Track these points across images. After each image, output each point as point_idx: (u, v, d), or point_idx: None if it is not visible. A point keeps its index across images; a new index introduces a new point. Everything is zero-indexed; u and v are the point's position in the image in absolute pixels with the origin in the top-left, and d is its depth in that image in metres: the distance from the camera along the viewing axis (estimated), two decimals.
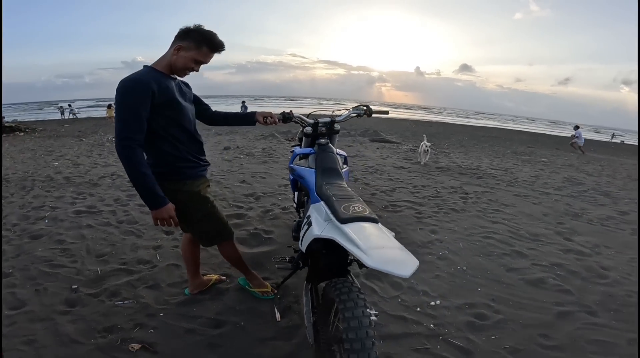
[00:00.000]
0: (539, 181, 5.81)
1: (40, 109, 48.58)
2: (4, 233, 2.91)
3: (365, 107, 2.24)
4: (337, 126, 2.14)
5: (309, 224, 1.38)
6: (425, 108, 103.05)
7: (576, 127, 13.43)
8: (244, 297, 2.05)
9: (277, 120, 1.94)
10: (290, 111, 2.07)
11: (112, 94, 1.49)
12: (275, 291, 2.08)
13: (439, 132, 12.23)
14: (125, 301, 1.97)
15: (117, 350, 1.60)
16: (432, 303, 2.07)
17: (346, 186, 1.56)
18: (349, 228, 1.16)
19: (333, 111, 2.35)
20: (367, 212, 1.25)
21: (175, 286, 2.14)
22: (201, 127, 1.74)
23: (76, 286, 2.12)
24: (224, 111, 2.03)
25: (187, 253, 1.97)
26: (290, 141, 8.96)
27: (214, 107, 1.96)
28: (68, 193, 4.09)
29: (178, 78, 1.64)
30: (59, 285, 2.13)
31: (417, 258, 1.06)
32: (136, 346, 1.62)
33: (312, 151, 1.92)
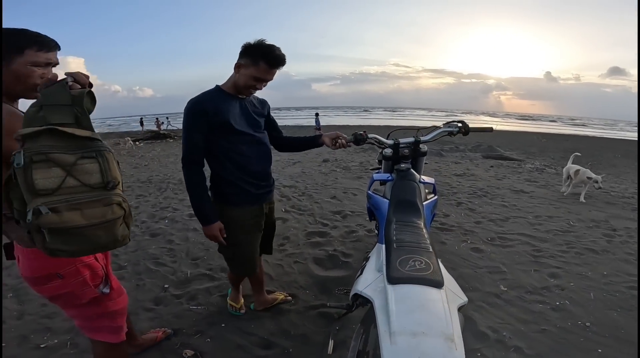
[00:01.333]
0: None
1: None
2: (132, 228, 3.53)
3: (460, 124, 1.87)
4: (423, 147, 1.85)
5: (363, 268, 1.20)
6: (558, 118, 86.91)
7: None
8: (302, 322, 1.96)
9: (346, 142, 1.73)
10: (364, 131, 1.84)
11: None
12: (243, 310, 2.02)
13: (578, 147, 9.98)
14: (199, 307, 2.09)
15: (173, 353, 1.70)
16: None
17: (422, 226, 1.31)
18: (395, 292, 0.94)
19: (418, 129, 2.06)
20: (430, 271, 1.00)
21: (246, 299, 2.18)
22: None
23: (167, 286, 2.37)
24: (294, 136, 1.93)
25: None
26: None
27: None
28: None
29: (251, 96, 1.63)
30: (155, 283, 2.41)
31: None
32: (189, 353, 1.69)
33: (390, 178, 1.70)
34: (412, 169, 1.69)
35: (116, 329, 1.29)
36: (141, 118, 26.10)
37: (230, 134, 1.51)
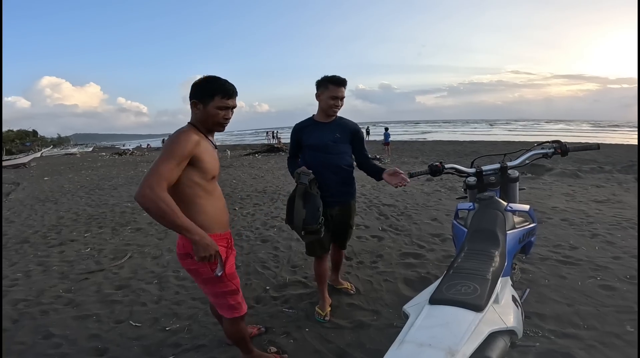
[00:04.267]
0: None
1: None
2: (247, 233, 4.11)
3: (556, 144, 1.73)
4: (513, 173, 1.74)
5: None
6: None
7: None
8: (379, 338, 2.01)
9: (406, 181, 1.84)
10: (440, 162, 1.85)
11: None
12: (327, 318, 2.18)
13: None
14: (290, 310, 2.34)
15: (260, 347, 1.93)
16: None
17: (495, 254, 1.27)
18: (428, 310, 0.99)
19: (505, 154, 1.90)
20: (474, 296, 1.01)
21: (334, 309, 2.32)
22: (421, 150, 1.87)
23: (268, 288, 2.70)
24: (368, 162, 2.20)
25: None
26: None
27: (426, 132, 2.15)
28: None
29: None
30: (259, 284, 2.78)
31: None
32: (273, 349, 1.92)
33: (472, 207, 1.65)
34: (496, 197, 1.59)
35: (232, 306, 1.55)
36: (267, 132, 30.11)
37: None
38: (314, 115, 2.14)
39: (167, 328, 2.22)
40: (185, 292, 2.71)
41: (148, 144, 43.28)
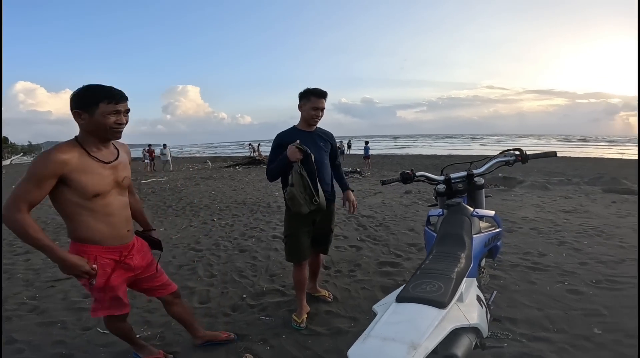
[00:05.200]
0: None
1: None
2: (225, 243, 4.04)
3: (517, 152, 1.84)
4: (479, 180, 1.84)
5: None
6: None
7: None
8: None
9: (354, 209, 2.35)
10: (411, 170, 1.96)
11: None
12: (304, 325, 2.17)
13: None
14: (268, 318, 2.31)
15: (236, 355, 1.91)
16: None
17: (461, 256, 1.33)
18: (395, 308, 1.03)
19: (472, 162, 2.01)
20: (438, 294, 1.05)
21: (312, 316, 2.31)
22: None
23: (245, 296, 2.66)
24: (339, 172, 2.44)
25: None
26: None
27: (406, 146, 2.24)
28: (275, 219, 5.21)
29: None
30: (236, 292, 2.74)
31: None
32: (249, 356, 1.89)
33: (441, 213, 1.72)
34: (463, 203, 1.67)
35: (110, 305, 1.59)
36: (249, 144, 29.72)
37: None
38: (295, 125, 2.27)
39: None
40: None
41: None
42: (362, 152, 17.96)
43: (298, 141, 2.01)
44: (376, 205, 6.14)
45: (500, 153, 1.95)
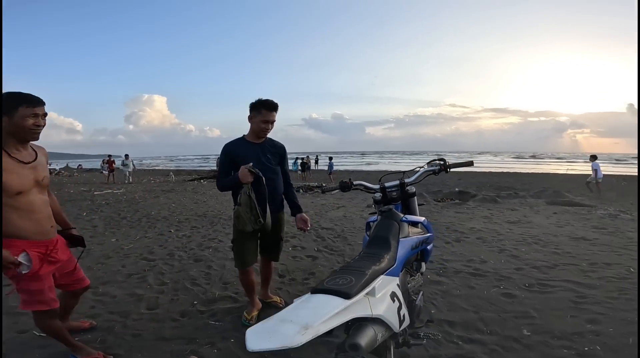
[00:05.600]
0: None
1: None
2: (181, 253, 3.96)
3: (441, 162, 2.02)
4: (411, 189, 1.99)
5: None
6: None
7: None
8: (304, 347, 2.01)
9: (307, 227, 2.32)
10: (349, 179, 2.11)
11: (296, 149, 2.07)
12: (253, 322, 2.23)
13: None
14: (217, 323, 2.30)
15: (181, 357, 1.90)
16: None
17: (384, 256, 1.42)
18: (306, 298, 1.11)
19: (404, 172, 2.18)
20: (346, 286, 1.13)
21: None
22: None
23: (196, 302, 2.63)
24: (291, 192, 2.44)
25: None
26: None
27: (372, 163, 2.31)
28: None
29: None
30: (186, 299, 2.69)
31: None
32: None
33: (376, 219, 1.84)
34: (394, 210, 1.79)
35: (39, 301, 1.68)
36: (217, 158, 29.03)
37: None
38: (244, 135, 2.26)
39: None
40: (102, 306, 2.55)
41: (79, 165, 39.49)
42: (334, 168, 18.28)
43: (251, 164, 2.03)
44: (337, 218, 6.26)
45: (428, 163, 2.13)
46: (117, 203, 8.56)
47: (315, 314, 1.00)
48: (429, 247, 1.91)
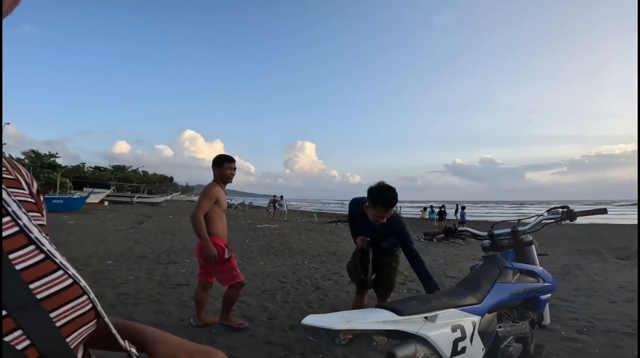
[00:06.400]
0: None
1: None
2: (307, 280, 4.60)
3: (564, 210, 1.81)
4: (526, 237, 1.85)
5: None
6: None
7: None
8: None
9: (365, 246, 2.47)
10: (454, 225, 2.10)
11: (436, 196, 2.23)
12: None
13: None
14: (315, 340, 2.67)
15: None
16: None
17: (467, 295, 1.44)
18: (368, 309, 1.33)
19: (519, 220, 2.03)
20: (405, 306, 1.26)
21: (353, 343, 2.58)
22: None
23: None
24: (424, 271, 2.16)
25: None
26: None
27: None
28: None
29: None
30: (299, 317, 3.17)
31: None
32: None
33: (477, 264, 1.81)
34: (499, 256, 1.74)
35: (233, 276, 2.77)
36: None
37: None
38: (366, 203, 2.32)
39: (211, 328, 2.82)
40: (239, 310, 3.30)
41: (250, 202, 48.35)
42: (472, 218, 16.71)
43: (368, 239, 2.47)
44: (466, 268, 5.87)
45: (549, 210, 1.93)
46: (270, 235, 10.32)
47: (363, 317, 1.21)
48: (542, 297, 1.76)
